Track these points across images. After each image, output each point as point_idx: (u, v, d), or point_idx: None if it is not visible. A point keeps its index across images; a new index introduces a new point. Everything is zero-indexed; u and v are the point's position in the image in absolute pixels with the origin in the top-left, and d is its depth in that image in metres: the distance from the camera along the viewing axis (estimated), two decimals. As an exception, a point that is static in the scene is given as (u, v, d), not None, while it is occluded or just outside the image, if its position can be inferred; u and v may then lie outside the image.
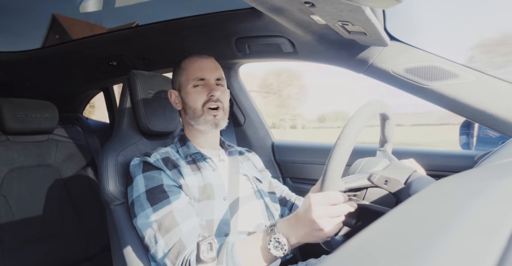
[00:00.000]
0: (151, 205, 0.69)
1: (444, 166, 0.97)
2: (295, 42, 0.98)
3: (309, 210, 0.54)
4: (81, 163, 1.37)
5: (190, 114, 0.81)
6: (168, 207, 0.68)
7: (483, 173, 0.37)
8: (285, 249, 0.57)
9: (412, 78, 0.85)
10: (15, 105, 1.16)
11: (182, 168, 0.76)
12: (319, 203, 0.54)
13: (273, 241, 0.58)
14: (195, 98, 0.79)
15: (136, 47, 1.23)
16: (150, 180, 0.72)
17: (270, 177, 0.96)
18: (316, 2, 0.58)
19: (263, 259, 0.60)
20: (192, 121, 0.81)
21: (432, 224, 0.21)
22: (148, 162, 0.74)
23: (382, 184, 0.58)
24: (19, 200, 1.14)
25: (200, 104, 0.79)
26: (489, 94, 0.79)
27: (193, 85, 0.80)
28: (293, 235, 0.58)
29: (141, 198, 0.71)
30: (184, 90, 0.82)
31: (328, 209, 0.53)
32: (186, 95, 0.81)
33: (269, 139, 1.32)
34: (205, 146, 0.85)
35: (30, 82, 1.57)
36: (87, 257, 1.28)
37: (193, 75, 0.80)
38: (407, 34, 3.58)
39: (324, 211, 0.53)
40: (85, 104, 1.81)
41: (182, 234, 0.66)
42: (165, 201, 0.69)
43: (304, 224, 0.56)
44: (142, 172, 0.74)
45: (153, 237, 0.68)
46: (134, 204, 0.72)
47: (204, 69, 0.81)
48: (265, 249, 0.59)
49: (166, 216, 0.67)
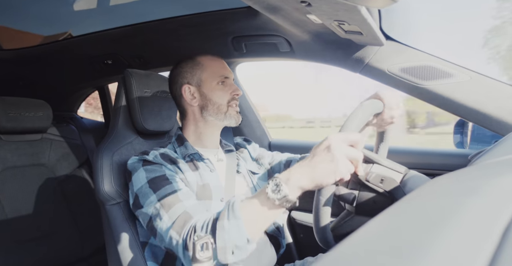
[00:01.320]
0: (154, 192, 0.68)
1: (439, 165, 0.98)
2: (292, 41, 0.98)
3: (328, 143, 0.53)
4: (75, 163, 1.36)
5: (211, 110, 0.82)
6: (171, 190, 0.68)
7: (477, 171, 0.37)
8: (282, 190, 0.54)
9: (407, 77, 0.86)
10: (7, 104, 1.15)
11: (181, 165, 0.76)
12: (340, 139, 0.53)
13: (271, 184, 0.55)
14: (222, 95, 0.82)
15: (132, 45, 1.22)
16: (152, 172, 0.72)
17: (266, 154, 0.95)
18: (313, 2, 0.58)
19: (263, 208, 0.57)
20: (213, 117, 0.82)
21: (427, 222, 0.21)
22: (147, 159, 0.74)
23: (377, 182, 0.58)
24: (13, 200, 1.13)
25: (225, 101, 0.82)
26: (483, 93, 0.80)
27: (218, 82, 0.82)
28: (296, 174, 0.55)
29: (143, 188, 0.70)
30: (207, 86, 0.82)
31: (347, 147, 0.53)
32: (211, 91, 0.82)
33: (266, 138, 1.32)
34: (206, 145, 0.84)
35: (23, 80, 1.55)
36: (82, 257, 1.27)
37: (219, 73, 0.83)
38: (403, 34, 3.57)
39: (344, 147, 0.53)
40: (79, 103, 1.79)
41: (186, 207, 0.65)
42: (168, 186, 0.68)
43: (318, 157, 0.54)
44: (142, 166, 0.73)
45: (156, 215, 0.66)
46: (139, 197, 0.70)
47: (226, 69, 0.85)
48: (264, 194, 0.56)
49: (169, 195, 0.67)
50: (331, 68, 1.01)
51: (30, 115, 1.20)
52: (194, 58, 0.84)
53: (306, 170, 0.54)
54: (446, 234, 0.19)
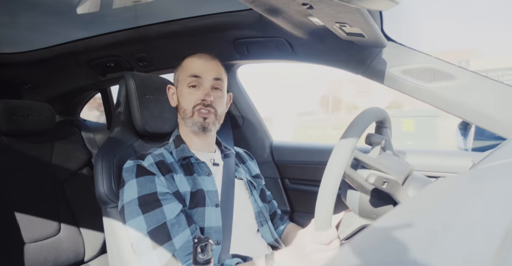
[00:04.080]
0: (143, 213, 0.67)
1: (442, 167, 0.97)
2: (293, 43, 0.98)
3: (303, 246, 0.60)
4: (78, 165, 1.36)
5: (181, 113, 0.80)
6: (161, 217, 0.67)
7: (480, 173, 0.37)
8: None
9: (409, 79, 0.85)
10: (11, 107, 1.15)
11: (176, 173, 0.74)
12: (311, 241, 0.60)
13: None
14: (188, 99, 0.77)
15: (134, 48, 1.23)
16: (143, 186, 0.70)
17: (263, 184, 0.94)
18: (314, 4, 0.58)
19: None
20: (183, 120, 0.80)
21: (431, 225, 0.21)
22: (142, 165, 0.72)
23: (380, 184, 0.58)
24: (15, 202, 1.13)
25: (191, 106, 0.77)
26: (485, 95, 0.79)
27: (188, 83, 0.77)
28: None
29: (132, 204, 0.69)
30: (180, 88, 0.80)
31: (320, 247, 0.59)
32: (180, 94, 0.80)
33: (268, 139, 1.31)
34: (199, 148, 0.82)
35: (29, 84, 1.57)
36: (84, 259, 1.27)
37: (189, 72, 0.77)
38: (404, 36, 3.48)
39: (317, 248, 0.59)
40: (82, 105, 1.80)
41: (175, 250, 0.65)
42: (158, 210, 0.67)
43: (300, 257, 0.61)
44: (135, 177, 0.71)
45: (145, 248, 0.66)
46: (125, 209, 0.70)
47: (202, 67, 0.78)
48: None
49: (159, 229, 0.66)
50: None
51: (34, 118, 1.20)
52: (183, 59, 0.82)
53: (296, 263, 0.61)
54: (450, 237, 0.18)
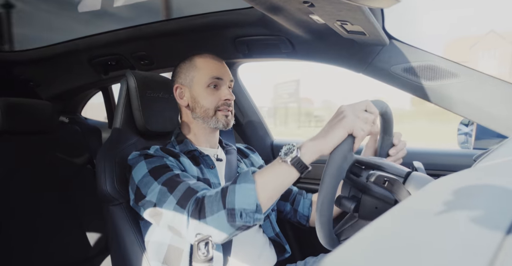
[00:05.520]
0: (156, 179, 0.67)
1: (443, 165, 0.97)
2: (294, 41, 0.98)
3: (341, 109, 0.57)
4: (79, 163, 1.37)
5: (199, 112, 0.81)
6: (172, 174, 0.68)
7: (481, 172, 0.37)
8: (295, 151, 0.57)
9: (411, 77, 0.85)
10: (13, 105, 1.16)
11: (182, 159, 0.75)
12: (352, 104, 0.57)
13: (285, 148, 0.59)
14: (210, 99, 0.80)
15: (135, 47, 1.23)
16: (152, 162, 0.71)
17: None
18: (315, 2, 0.58)
19: (276, 171, 0.59)
20: (201, 119, 0.81)
21: (432, 223, 0.21)
22: (148, 153, 0.74)
23: (381, 183, 0.58)
24: (17, 201, 1.14)
25: (213, 105, 0.80)
26: (487, 93, 0.79)
27: (208, 84, 0.80)
28: (309, 141, 0.58)
29: (144, 178, 0.69)
30: (198, 88, 0.81)
31: (359, 110, 0.56)
32: (200, 94, 0.81)
33: (269, 138, 1.32)
34: (203, 144, 0.84)
35: (30, 82, 1.57)
36: (86, 258, 1.28)
37: (210, 74, 0.80)
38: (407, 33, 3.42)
39: (356, 108, 0.56)
40: (83, 104, 1.81)
41: (190, 184, 0.65)
42: (169, 173, 0.68)
43: (330, 122, 0.57)
44: (144, 159, 0.72)
45: (160, 199, 0.65)
46: (140, 188, 0.69)
47: (222, 69, 0.82)
48: (278, 158, 0.59)
49: (172, 179, 0.66)
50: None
51: (35, 116, 1.21)
52: (192, 59, 0.83)
53: (320, 133, 0.57)
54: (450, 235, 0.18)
